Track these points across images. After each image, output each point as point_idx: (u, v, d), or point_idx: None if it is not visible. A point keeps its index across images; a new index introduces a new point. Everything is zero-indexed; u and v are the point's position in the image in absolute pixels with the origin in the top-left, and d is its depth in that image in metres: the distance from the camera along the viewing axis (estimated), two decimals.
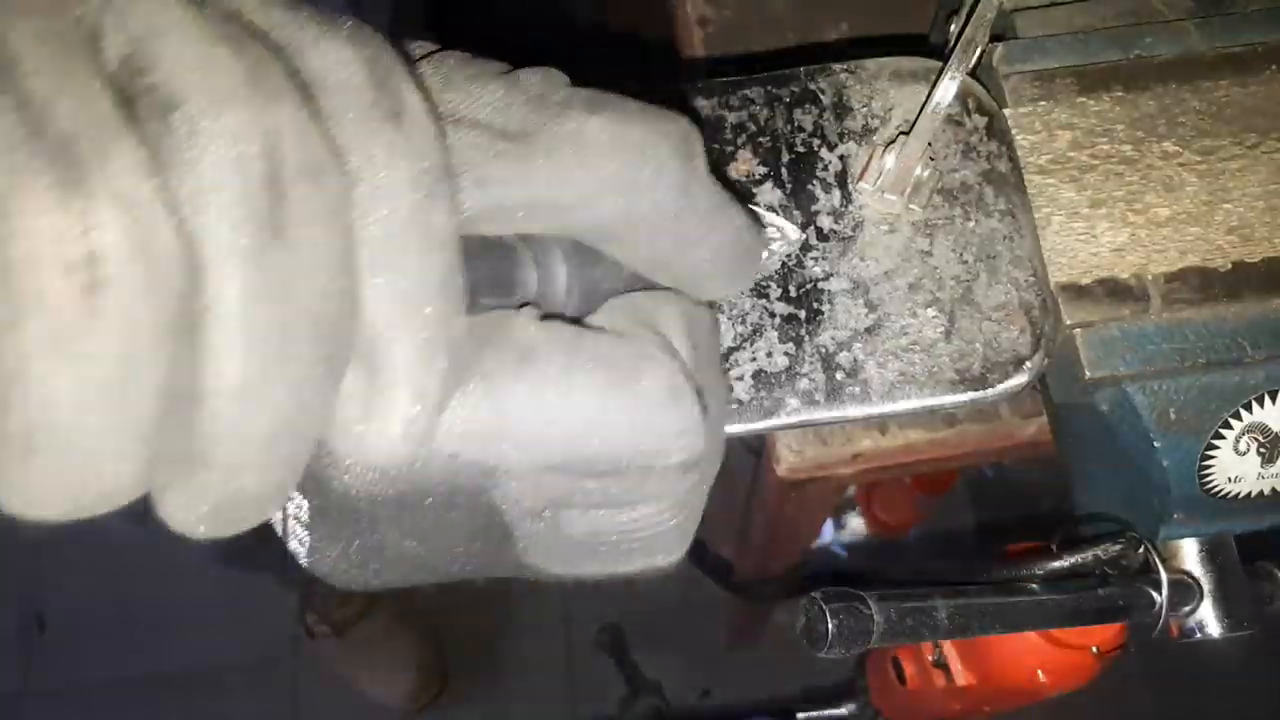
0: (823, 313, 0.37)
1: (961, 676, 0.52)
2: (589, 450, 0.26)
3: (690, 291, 0.31)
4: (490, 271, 0.27)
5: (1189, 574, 0.41)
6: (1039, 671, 0.46)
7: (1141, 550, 0.40)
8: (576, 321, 0.28)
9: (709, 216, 0.29)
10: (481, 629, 1.53)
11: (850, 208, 0.39)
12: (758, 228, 0.32)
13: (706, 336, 0.30)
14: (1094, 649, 0.44)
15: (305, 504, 0.26)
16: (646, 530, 0.28)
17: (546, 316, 0.27)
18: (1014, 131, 0.40)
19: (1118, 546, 0.39)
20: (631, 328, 0.28)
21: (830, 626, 0.34)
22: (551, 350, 0.25)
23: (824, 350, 0.37)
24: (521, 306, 0.27)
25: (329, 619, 1.44)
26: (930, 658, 0.54)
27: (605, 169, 0.27)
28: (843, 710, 0.82)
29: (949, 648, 0.53)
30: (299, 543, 0.27)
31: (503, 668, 1.52)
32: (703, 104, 0.40)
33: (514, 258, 0.27)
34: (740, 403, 0.37)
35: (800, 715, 0.87)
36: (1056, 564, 0.40)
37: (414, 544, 0.27)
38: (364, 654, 1.47)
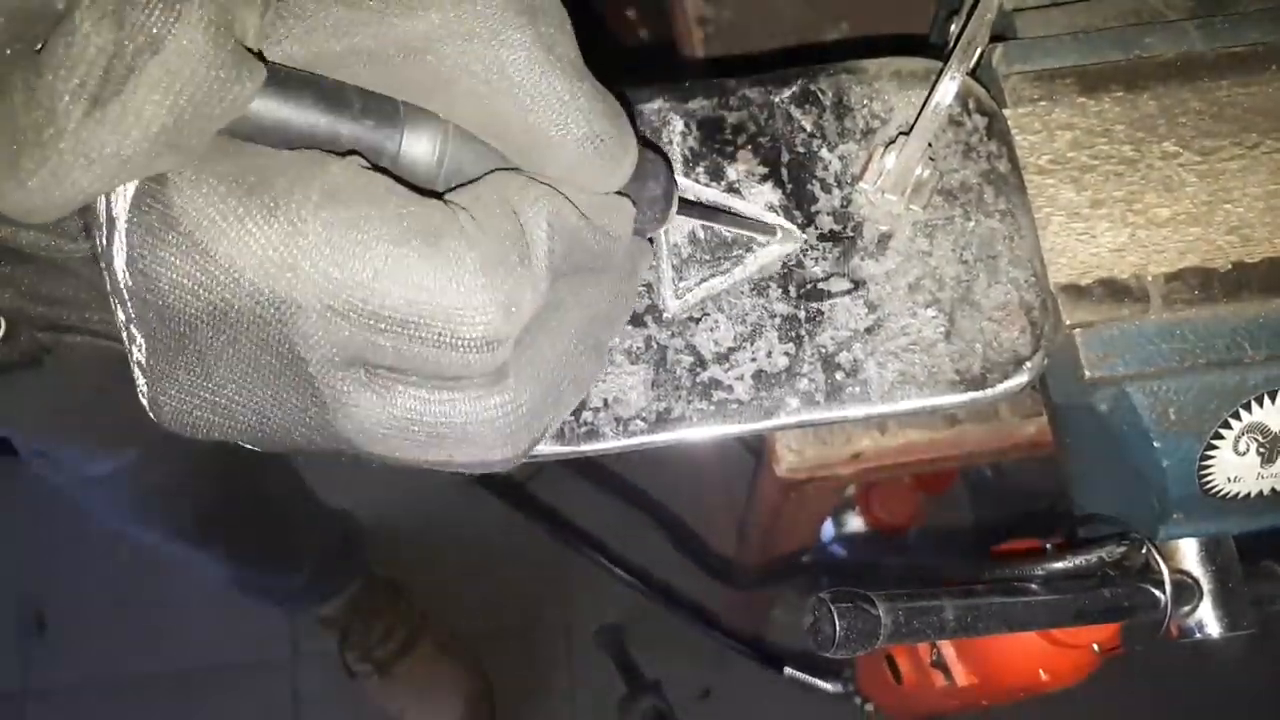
0: (823, 313, 0.38)
1: (962, 678, 0.52)
2: (375, 298, 0.26)
3: (568, 183, 0.30)
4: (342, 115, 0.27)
5: (1188, 574, 0.41)
6: (1041, 671, 0.46)
7: (1144, 551, 0.40)
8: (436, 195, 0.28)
9: (552, 84, 0.28)
10: (526, 654, 1.52)
11: (850, 208, 0.39)
12: (624, 126, 0.30)
13: (578, 242, 0.30)
14: (1095, 647, 0.44)
15: (142, 343, 0.28)
16: (460, 419, 0.28)
17: (379, 170, 0.28)
18: (1014, 132, 0.40)
19: (1122, 548, 0.39)
20: (489, 200, 0.28)
21: (838, 627, 0.34)
22: (355, 195, 0.26)
23: (824, 350, 0.37)
24: (348, 155, 0.28)
25: (370, 657, 1.42)
26: (929, 658, 0.54)
27: (436, 16, 0.28)
28: (829, 686, 0.81)
29: (948, 649, 0.53)
30: (142, 391, 0.29)
31: (551, 692, 1.51)
32: (703, 104, 0.40)
33: (382, 114, 0.28)
34: (740, 403, 0.37)
35: (787, 670, 0.86)
36: (1060, 565, 0.40)
37: (234, 389, 0.28)
38: (410, 690, 1.45)
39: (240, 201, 0.26)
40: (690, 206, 0.36)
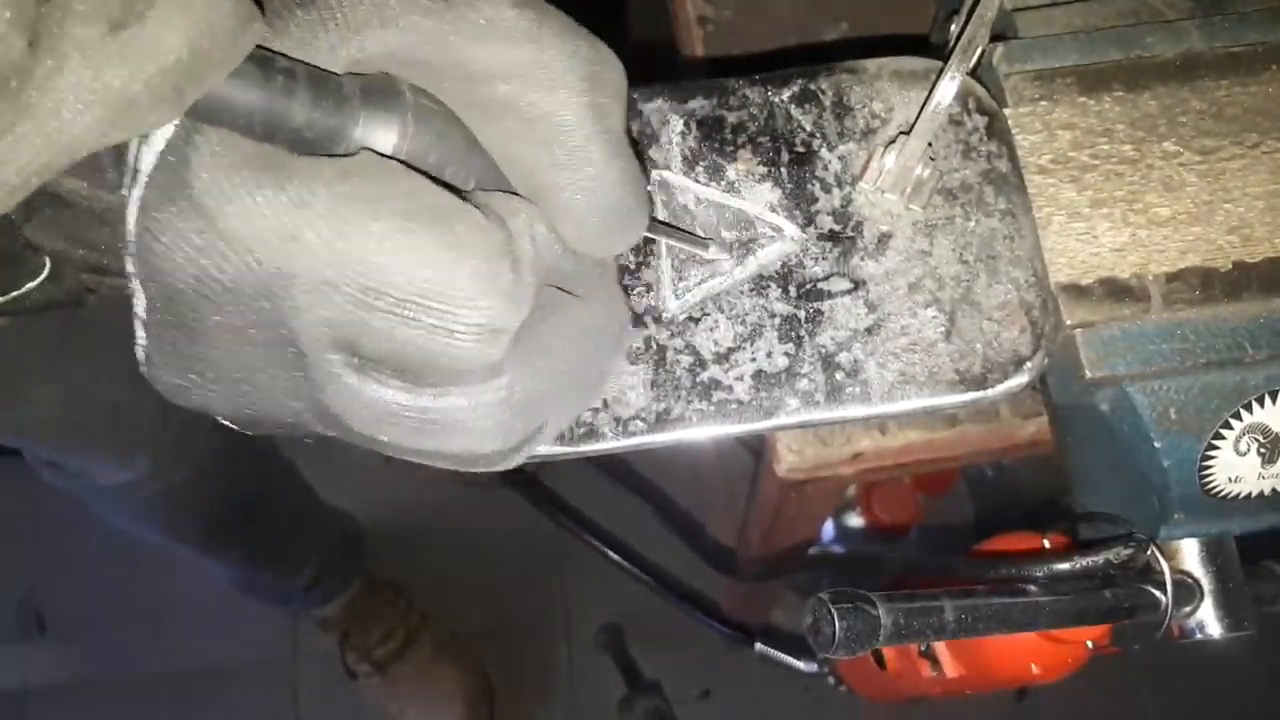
0: (823, 313, 0.37)
1: (951, 669, 0.52)
2: (376, 272, 0.26)
3: (549, 217, 0.30)
4: (303, 109, 0.26)
5: (1189, 574, 0.41)
6: (1033, 665, 0.46)
7: (1147, 551, 0.40)
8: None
9: (590, 153, 0.29)
10: (526, 654, 1.52)
11: (850, 208, 0.39)
12: (642, 203, 0.32)
13: (554, 257, 0.30)
14: (1089, 644, 0.44)
15: (143, 299, 0.28)
16: (452, 403, 0.28)
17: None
18: (1014, 131, 0.40)
19: (1129, 550, 0.39)
20: (481, 202, 0.28)
21: (837, 628, 0.34)
22: (370, 172, 0.26)
23: (824, 350, 0.37)
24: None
25: (370, 657, 1.42)
26: (917, 648, 0.54)
27: (503, 52, 0.28)
28: (802, 665, 0.79)
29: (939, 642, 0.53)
30: (140, 347, 0.29)
31: (551, 692, 1.51)
32: (702, 104, 0.40)
33: (339, 103, 0.27)
34: (740, 403, 0.37)
35: (759, 646, 0.84)
36: (1064, 566, 0.40)
37: (220, 357, 0.28)
38: (410, 690, 1.45)
39: (255, 174, 0.26)
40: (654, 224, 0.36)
